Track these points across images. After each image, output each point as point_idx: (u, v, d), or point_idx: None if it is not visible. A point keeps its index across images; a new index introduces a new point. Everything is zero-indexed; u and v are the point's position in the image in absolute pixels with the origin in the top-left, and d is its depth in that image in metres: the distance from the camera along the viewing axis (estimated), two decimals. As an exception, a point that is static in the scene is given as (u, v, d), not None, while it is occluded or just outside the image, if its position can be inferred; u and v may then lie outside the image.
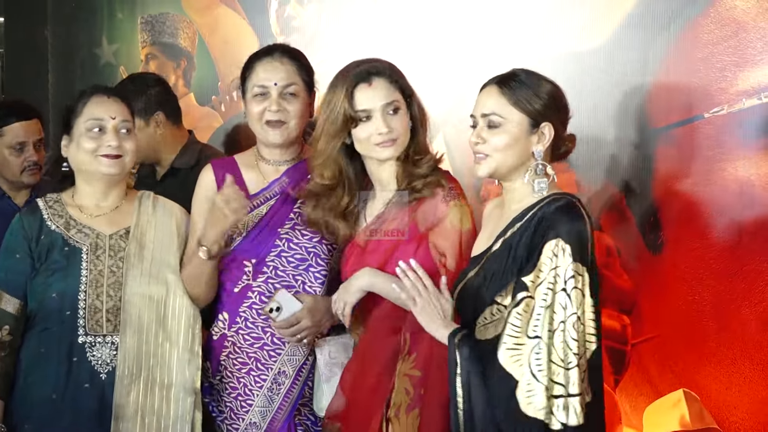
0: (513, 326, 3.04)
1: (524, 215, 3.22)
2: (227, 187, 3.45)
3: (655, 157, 3.91)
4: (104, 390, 3.57)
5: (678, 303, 3.69)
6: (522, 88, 3.23)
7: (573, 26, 4.09)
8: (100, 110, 3.64)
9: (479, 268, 3.28)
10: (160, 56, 5.22)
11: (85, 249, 3.63)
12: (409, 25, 4.47)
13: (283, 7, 4.79)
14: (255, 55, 3.73)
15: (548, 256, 3.09)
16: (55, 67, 5.65)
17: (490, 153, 3.23)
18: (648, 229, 3.91)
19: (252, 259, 3.63)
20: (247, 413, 3.63)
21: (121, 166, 3.65)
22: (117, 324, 3.59)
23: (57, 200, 3.73)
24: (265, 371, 3.62)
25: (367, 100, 3.42)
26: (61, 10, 5.61)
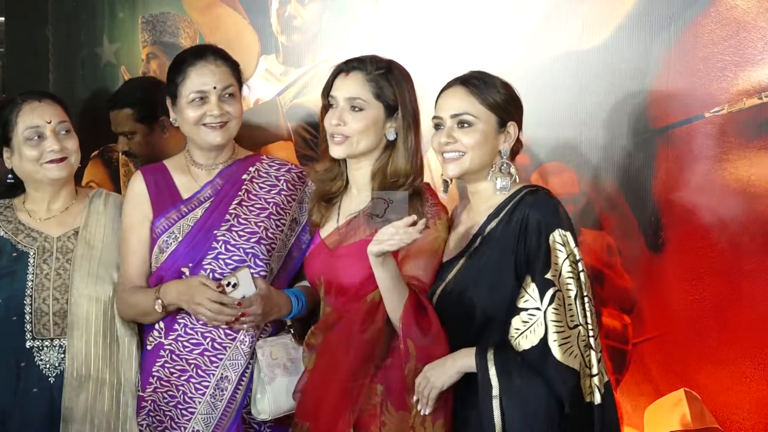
0: (556, 323, 3.12)
1: (500, 210, 3.30)
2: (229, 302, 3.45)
3: (656, 156, 3.91)
4: (53, 394, 3.59)
5: (679, 302, 3.69)
6: (488, 87, 3.33)
7: (573, 25, 4.08)
8: (35, 117, 3.65)
9: (458, 272, 3.33)
10: (161, 56, 5.22)
11: (32, 253, 3.64)
12: (409, 24, 4.47)
13: (284, 6, 4.78)
14: (184, 60, 3.70)
15: (558, 248, 3.17)
16: (57, 67, 5.64)
17: (462, 152, 3.30)
18: (649, 229, 3.92)
19: (189, 264, 3.60)
20: (189, 421, 3.59)
21: (68, 168, 3.66)
22: (64, 327, 3.59)
23: (8, 206, 3.74)
24: (207, 377, 3.58)
25: (336, 87, 3.49)
26: (61, 10, 5.61)
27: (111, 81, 5.31)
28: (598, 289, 3.92)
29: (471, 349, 3.20)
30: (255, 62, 4.89)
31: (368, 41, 4.54)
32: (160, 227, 3.64)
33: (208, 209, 3.65)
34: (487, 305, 3.25)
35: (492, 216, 3.32)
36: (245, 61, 4.71)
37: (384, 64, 3.52)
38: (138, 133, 4.73)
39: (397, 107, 3.47)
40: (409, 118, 3.49)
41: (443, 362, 3.22)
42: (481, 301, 3.26)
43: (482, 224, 3.34)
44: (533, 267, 3.18)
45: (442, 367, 3.22)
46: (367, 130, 3.45)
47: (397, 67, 3.56)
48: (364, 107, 3.45)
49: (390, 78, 3.49)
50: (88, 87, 5.42)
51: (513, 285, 3.21)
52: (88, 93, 5.35)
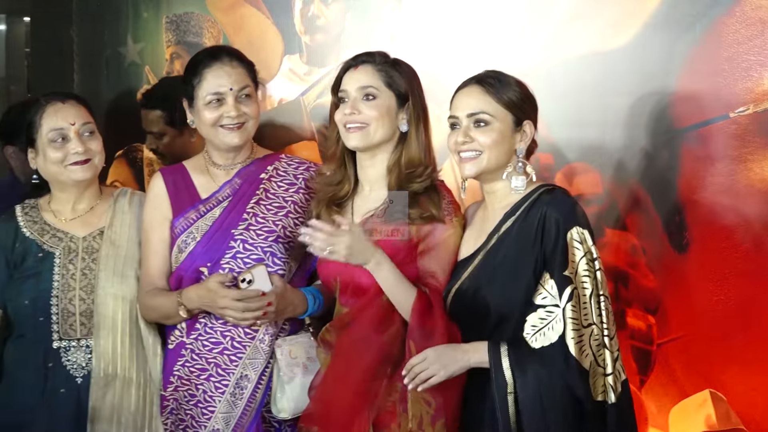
0: (573, 321, 3.13)
1: (516, 209, 3.31)
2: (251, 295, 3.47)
3: (680, 156, 3.90)
4: (80, 394, 3.60)
5: (704, 303, 3.68)
6: (504, 86, 3.34)
7: (597, 25, 4.08)
8: (59, 119, 3.66)
9: (473, 270, 3.33)
10: (184, 56, 5.23)
11: (58, 253, 3.66)
12: (433, 24, 4.47)
13: (308, 6, 4.79)
14: (200, 62, 3.71)
15: (575, 246, 3.18)
16: (81, 67, 5.68)
17: (479, 151, 3.31)
18: (673, 229, 3.91)
19: (207, 263, 3.62)
20: (209, 420, 3.61)
21: (92, 169, 3.67)
22: (91, 327, 3.61)
23: (33, 206, 3.76)
24: (227, 376, 3.60)
25: (346, 82, 3.51)
26: (86, 10, 5.64)
27: (135, 81, 5.34)
28: (622, 289, 3.92)
29: (483, 343, 3.20)
30: (278, 62, 4.91)
31: (391, 40, 4.54)
32: (179, 227, 3.66)
33: (227, 208, 3.66)
34: (502, 303, 3.26)
35: (508, 215, 3.33)
36: (269, 61, 4.76)
37: (390, 58, 3.57)
38: (167, 135, 4.76)
39: (407, 97, 3.50)
40: (419, 109, 3.52)
41: (454, 351, 3.22)
42: (496, 298, 3.27)
43: (498, 223, 3.35)
44: (551, 264, 3.19)
45: (453, 355, 3.21)
46: (382, 117, 3.46)
47: (405, 63, 3.60)
48: (376, 95, 3.47)
49: (398, 69, 3.53)
50: (112, 87, 5.45)
51: (529, 283, 3.22)
52: (112, 93, 5.38)
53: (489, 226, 3.38)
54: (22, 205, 3.78)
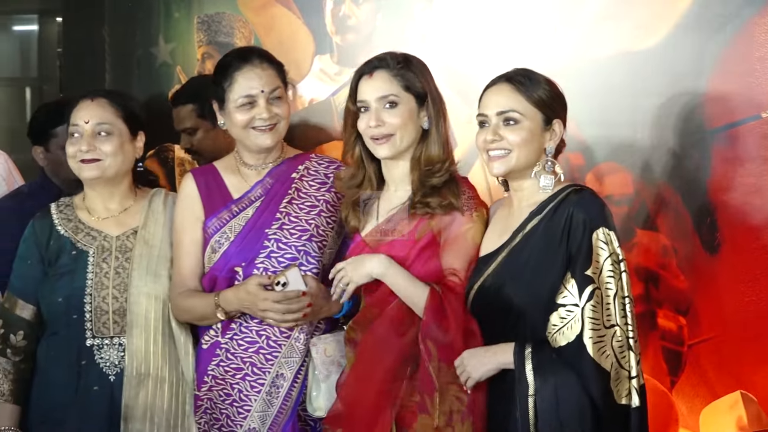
0: (592, 320, 3.11)
1: (543, 208, 3.29)
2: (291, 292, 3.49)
3: (711, 157, 3.90)
4: (113, 392, 3.61)
5: (735, 304, 3.67)
6: (533, 84, 3.31)
7: (628, 25, 4.08)
8: (79, 116, 3.68)
9: (497, 267, 3.33)
10: (216, 56, 5.24)
11: (92, 252, 3.67)
12: (464, 23, 4.48)
13: (339, 6, 4.80)
14: (230, 64, 3.71)
15: (600, 246, 3.16)
16: (113, 66, 5.70)
17: (508, 150, 3.29)
18: (704, 230, 3.90)
19: (242, 263, 3.62)
20: (245, 419, 3.61)
21: (98, 170, 3.67)
22: (124, 325, 3.62)
23: (68, 204, 3.78)
24: (262, 375, 3.61)
25: (364, 91, 3.47)
26: (118, 10, 5.66)
27: (166, 81, 5.36)
28: (653, 290, 3.92)
29: (510, 345, 3.20)
30: (309, 62, 4.92)
31: (423, 40, 4.55)
32: (212, 227, 3.67)
33: (259, 208, 3.67)
34: (526, 302, 3.25)
35: (534, 213, 3.31)
36: (299, 61, 4.77)
37: (401, 57, 3.52)
38: (200, 129, 4.76)
39: (425, 96, 3.48)
40: (437, 104, 3.50)
41: (484, 353, 3.23)
42: (520, 297, 3.26)
43: (524, 221, 3.33)
44: (574, 263, 3.18)
45: (482, 358, 3.22)
46: (406, 124, 3.45)
47: (414, 58, 3.56)
48: (397, 102, 3.45)
49: (412, 68, 3.49)
50: (143, 87, 5.47)
51: (554, 282, 3.21)
52: (143, 93, 5.39)
53: (514, 224, 3.37)
54: (57, 203, 3.80)
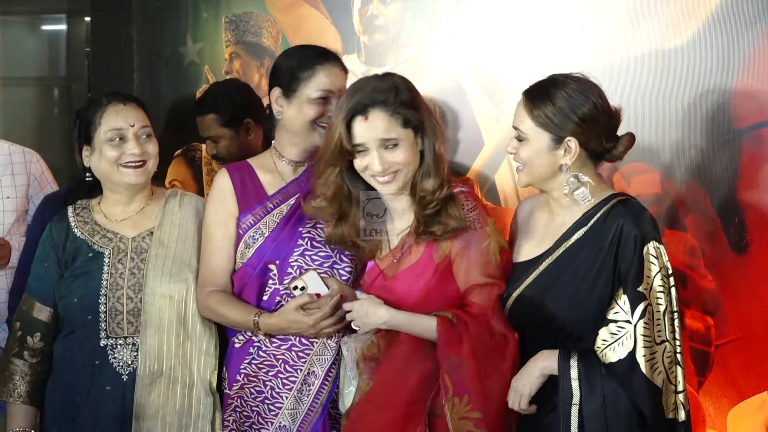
0: (645, 338, 3.12)
1: (588, 219, 3.29)
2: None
3: (740, 157, 3.88)
4: (125, 391, 3.63)
5: (763, 304, 3.66)
6: (547, 104, 3.28)
7: (657, 25, 4.07)
8: (119, 119, 3.68)
9: (538, 276, 3.32)
10: (243, 55, 5.27)
11: (108, 253, 3.69)
12: (492, 23, 4.48)
13: (366, 6, 4.81)
14: (310, 59, 3.71)
15: (651, 261, 3.16)
16: (141, 66, 5.73)
17: (522, 164, 3.33)
18: (732, 230, 3.89)
19: (276, 261, 3.63)
20: (276, 416, 3.63)
21: (145, 174, 3.71)
22: (138, 326, 3.64)
23: (85, 207, 3.79)
24: (294, 373, 3.62)
25: (361, 134, 3.36)
26: (146, 9, 5.69)
27: (194, 80, 5.38)
28: (681, 290, 3.90)
29: (554, 351, 3.21)
30: (337, 62, 4.93)
31: (450, 41, 4.55)
32: (246, 223, 3.67)
33: (293, 206, 3.68)
34: (570, 314, 3.26)
35: (580, 224, 3.31)
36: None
37: (389, 84, 3.41)
38: (224, 138, 4.81)
39: (423, 124, 3.41)
40: (431, 130, 3.42)
41: (526, 368, 3.24)
42: (563, 309, 3.27)
43: (567, 231, 3.33)
44: (626, 279, 3.17)
45: (526, 372, 3.23)
46: (408, 159, 3.38)
47: (400, 81, 3.45)
48: (398, 142, 3.37)
49: (405, 99, 3.39)
50: (171, 86, 5.49)
51: (601, 296, 3.21)
52: (171, 92, 5.42)
53: (555, 232, 3.37)
54: (74, 206, 3.82)
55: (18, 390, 3.70)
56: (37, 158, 5.10)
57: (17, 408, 3.72)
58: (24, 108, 6.99)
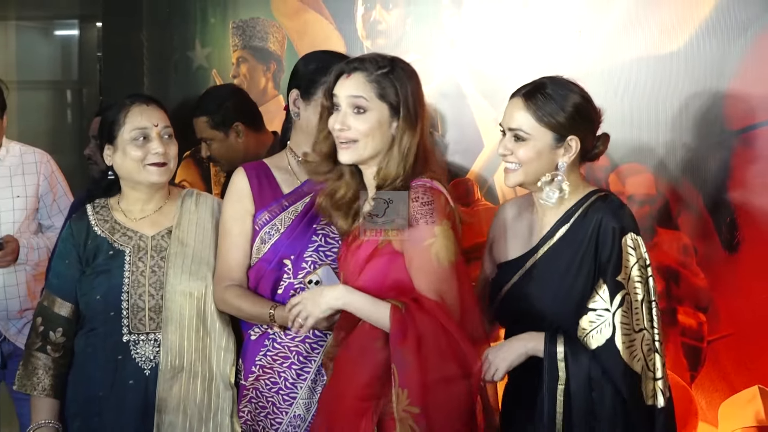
0: (624, 325, 3.13)
1: (570, 216, 3.30)
2: None
3: (732, 158, 3.90)
4: (147, 386, 3.64)
5: (754, 301, 3.68)
6: (548, 102, 3.26)
7: (652, 30, 4.09)
8: (143, 119, 3.69)
9: (525, 273, 3.33)
10: (250, 59, 5.30)
11: (128, 251, 3.70)
12: (491, 28, 4.50)
13: (369, 12, 4.83)
14: (331, 65, 3.60)
15: (629, 252, 3.17)
16: (151, 70, 5.75)
17: (517, 164, 3.28)
18: (724, 229, 3.91)
19: (291, 256, 3.64)
20: (290, 406, 3.63)
21: (167, 173, 3.72)
22: (159, 322, 3.65)
23: (104, 206, 3.80)
24: (308, 364, 3.63)
25: (338, 90, 3.33)
26: (156, 15, 5.71)
27: (203, 84, 5.41)
28: (673, 287, 3.93)
29: (540, 333, 3.21)
30: (341, 66, 4.95)
31: (451, 45, 4.58)
32: (262, 220, 3.68)
33: (308, 203, 3.67)
34: (556, 308, 3.27)
35: (562, 221, 3.32)
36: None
37: (386, 62, 3.34)
38: (215, 140, 4.85)
39: (398, 107, 3.31)
40: (410, 118, 3.31)
41: (510, 343, 3.24)
42: (549, 303, 3.28)
43: (551, 229, 3.35)
44: (605, 269, 3.19)
45: (510, 347, 3.23)
46: (372, 132, 3.29)
47: (401, 64, 3.37)
48: (366, 108, 3.29)
49: (392, 77, 3.31)
50: (180, 90, 5.52)
51: (584, 289, 3.23)
52: (180, 95, 5.44)
53: (540, 231, 3.38)
54: (93, 205, 3.82)
55: (42, 383, 3.72)
56: (48, 159, 5.13)
57: (42, 401, 3.74)
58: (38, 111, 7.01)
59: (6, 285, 4.89)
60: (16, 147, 5.06)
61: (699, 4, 3.98)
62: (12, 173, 4.97)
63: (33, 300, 4.78)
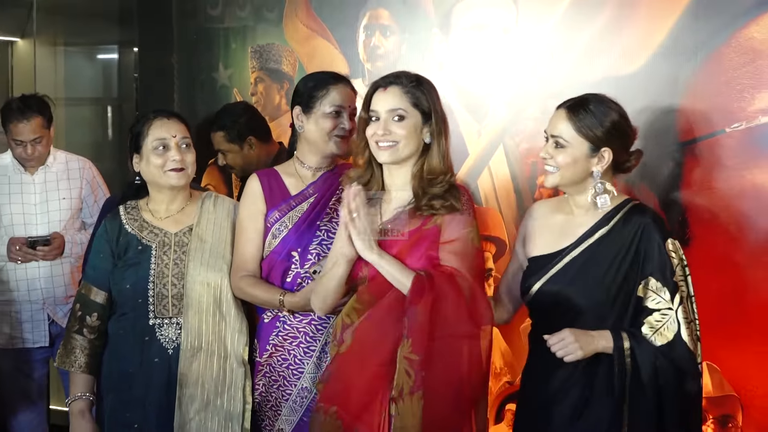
0: (685, 320, 3.13)
1: (609, 219, 3.25)
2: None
3: (684, 165, 3.93)
4: (171, 363, 3.63)
5: (703, 289, 3.67)
6: (588, 116, 3.22)
7: (614, 54, 4.10)
8: (163, 130, 3.69)
9: (561, 269, 3.27)
10: (266, 79, 5.29)
11: (154, 246, 3.69)
12: (474, 53, 4.50)
13: (369, 38, 4.84)
14: (325, 80, 3.71)
15: (673, 255, 3.16)
16: (180, 89, 5.74)
17: (556, 168, 3.25)
18: (677, 226, 3.92)
19: (298, 249, 3.64)
20: (298, 380, 3.62)
21: (185, 177, 3.71)
22: (180, 308, 3.64)
23: (134, 207, 3.80)
24: (314, 342, 3.62)
25: (376, 103, 3.31)
26: (184, 41, 5.70)
27: (225, 100, 5.39)
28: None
29: (606, 332, 3.16)
30: (345, 85, 4.94)
31: (440, 67, 4.57)
32: (273, 218, 3.68)
33: (312, 203, 3.68)
34: (588, 302, 3.21)
35: (601, 223, 3.25)
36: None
37: (414, 77, 3.35)
38: (230, 152, 4.86)
39: (430, 113, 3.32)
40: (440, 123, 3.33)
41: (587, 336, 3.16)
42: (583, 298, 3.21)
43: (589, 229, 3.27)
44: (659, 272, 3.16)
45: (587, 340, 3.15)
46: (410, 135, 3.29)
47: (425, 79, 3.38)
48: (405, 116, 3.29)
49: (422, 88, 3.33)
50: (206, 106, 5.49)
51: (619, 286, 3.19)
52: (206, 111, 5.42)
53: (576, 230, 3.30)
54: (125, 206, 3.81)
55: (78, 361, 3.72)
56: (90, 165, 5.14)
57: (78, 376, 3.74)
58: (82, 124, 7.00)
59: (54, 275, 4.90)
60: (62, 155, 5.08)
61: (654, 32, 4.00)
62: (59, 178, 4.98)
63: (76, 288, 4.79)
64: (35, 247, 4.81)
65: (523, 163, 4.41)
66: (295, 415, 3.63)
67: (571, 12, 4.23)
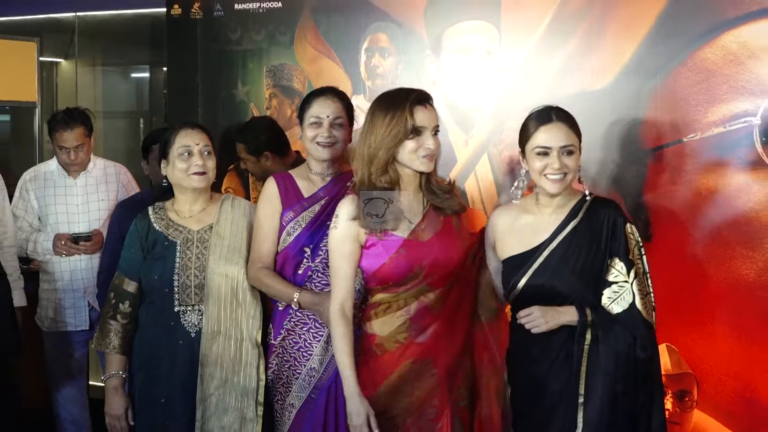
0: (640, 291, 3.13)
1: (576, 213, 3.22)
2: None
3: (647, 170, 3.92)
4: (193, 345, 3.61)
5: (663, 279, 3.67)
6: (570, 118, 3.22)
7: (585, 73, 4.09)
8: (188, 139, 3.67)
9: (543, 262, 3.22)
10: (279, 95, 5.27)
11: (179, 242, 3.68)
12: (463, 72, 4.49)
13: (370, 59, 4.82)
14: (312, 94, 3.70)
15: (631, 237, 3.17)
16: (204, 103, 5.71)
17: (566, 173, 3.18)
18: (640, 225, 3.91)
19: (309, 245, 3.61)
20: (308, 360, 3.59)
21: (206, 181, 3.69)
22: (202, 296, 3.62)
23: (161, 207, 3.78)
24: (322, 328, 3.57)
25: (425, 118, 3.21)
26: (207, 62, 5.68)
27: (243, 114, 5.37)
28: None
29: (572, 307, 3.15)
30: (348, 101, 4.93)
31: (433, 84, 4.56)
32: (288, 217, 3.65)
33: (323, 205, 3.65)
34: (571, 287, 3.17)
35: (571, 216, 3.22)
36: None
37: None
38: (249, 161, 4.85)
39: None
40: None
41: (554, 311, 3.16)
42: (566, 284, 3.18)
43: (561, 223, 3.23)
44: (621, 252, 3.16)
45: (553, 314, 3.15)
46: (439, 146, 3.28)
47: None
48: (439, 131, 3.28)
49: None
50: (226, 118, 5.47)
51: (597, 269, 3.17)
52: (226, 122, 5.41)
53: (549, 226, 3.25)
54: (153, 207, 3.80)
55: (113, 343, 3.70)
56: (125, 171, 5.14)
57: (113, 356, 3.73)
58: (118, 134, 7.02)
59: (93, 267, 4.88)
60: (101, 161, 5.06)
61: (620, 54, 4.00)
62: (98, 182, 4.98)
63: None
64: (78, 242, 4.82)
65: (505, 169, 4.39)
66: (304, 392, 3.59)
67: (547, 37, 4.22)
